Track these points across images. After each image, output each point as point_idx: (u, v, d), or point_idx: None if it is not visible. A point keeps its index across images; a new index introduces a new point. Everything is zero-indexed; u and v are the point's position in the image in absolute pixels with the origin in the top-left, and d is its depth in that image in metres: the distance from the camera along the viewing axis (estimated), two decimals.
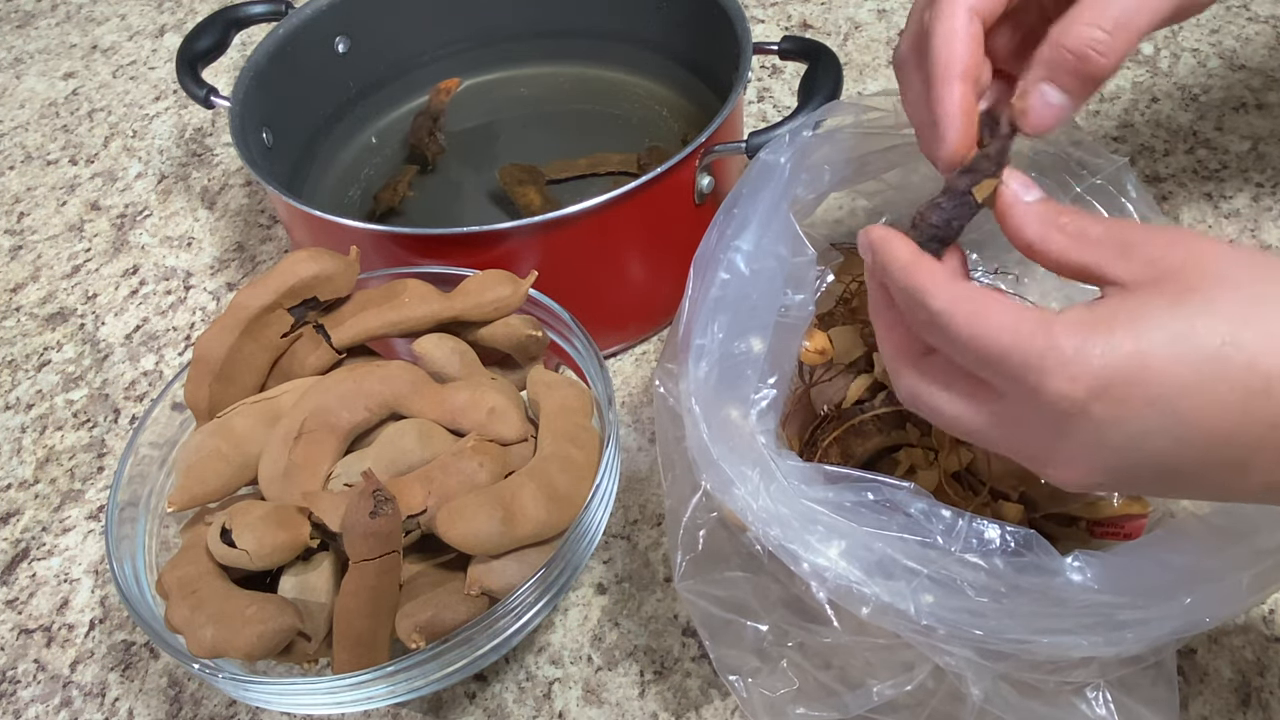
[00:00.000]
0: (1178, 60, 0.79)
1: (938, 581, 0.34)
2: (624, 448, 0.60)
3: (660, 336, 0.66)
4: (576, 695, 0.50)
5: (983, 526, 0.35)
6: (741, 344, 0.40)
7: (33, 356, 0.72)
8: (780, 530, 0.36)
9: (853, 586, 0.35)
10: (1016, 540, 0.35)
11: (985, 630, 0.34)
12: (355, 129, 0.77)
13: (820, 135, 0.45)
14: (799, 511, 0.36)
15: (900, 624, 0.35)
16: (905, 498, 0.36)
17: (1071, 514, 0.46)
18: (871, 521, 0.36)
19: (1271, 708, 0.46)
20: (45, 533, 0.61)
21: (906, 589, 0.34)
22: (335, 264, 0.50)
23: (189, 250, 0.78)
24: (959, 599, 0.34)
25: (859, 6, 0.90)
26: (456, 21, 0.77)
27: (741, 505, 0.37)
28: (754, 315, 0.41)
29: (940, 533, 0.35)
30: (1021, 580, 0.34)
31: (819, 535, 0.35)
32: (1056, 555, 0.35)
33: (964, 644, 0.35)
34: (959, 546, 0.35)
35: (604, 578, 0.54)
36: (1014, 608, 0.34)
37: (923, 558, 0.35)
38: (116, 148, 0.88)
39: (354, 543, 0.42)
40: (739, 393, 0.40)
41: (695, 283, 0.42)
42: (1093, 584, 0.34)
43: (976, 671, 0.35)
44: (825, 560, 0.35)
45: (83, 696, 0.53)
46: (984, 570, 0.34)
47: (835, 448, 0.48)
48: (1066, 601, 0.34)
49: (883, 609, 0.34)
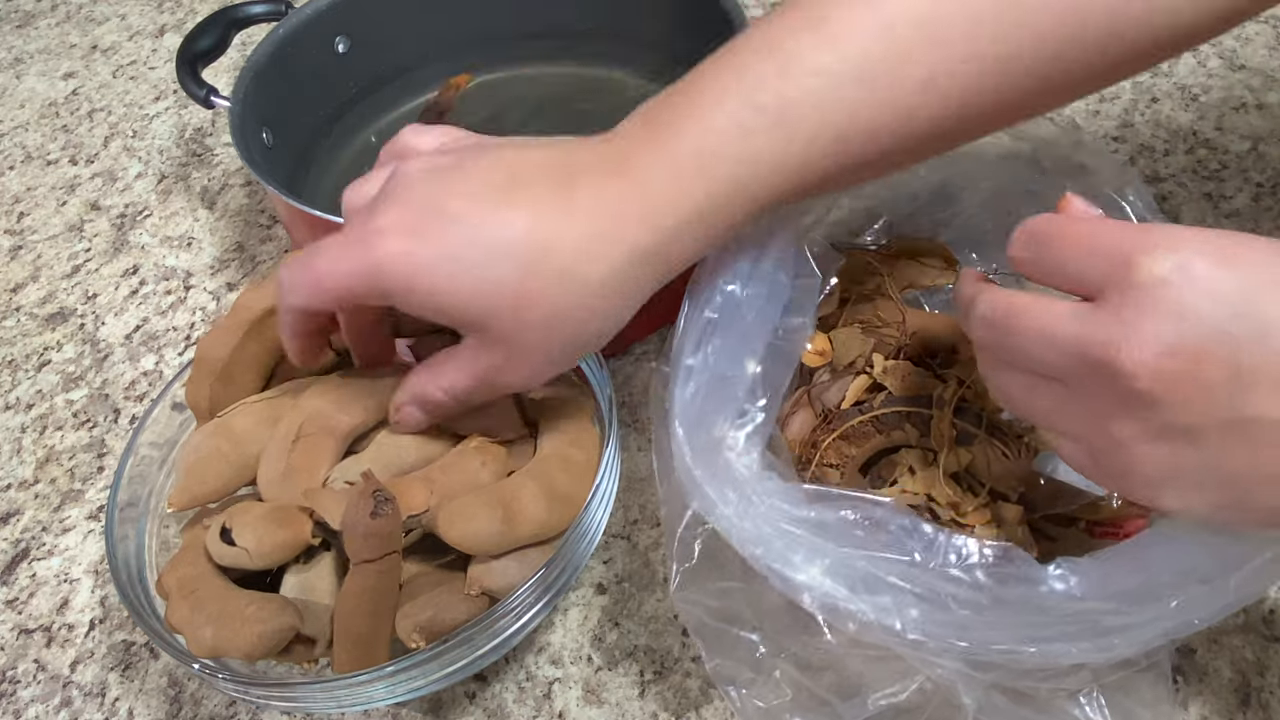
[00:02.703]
0: (1178, 60, 0.79)
1: (922, 597, 0.34)
2: (624, 448, 0.60)
3: (661, 336, 0.66)
4: (576, 695, 0.50)
5: (961, 541, 0.35)
6: (733, 366, 0.41)
7: (33, 356, 0.72)
8: (764, 550, 0.36)
9: (839, 604, 0.35)
10: (995, 554, 0.35)
11: (972, 642, 0.34)
12: (355, 129, 0.77)
13: None
14: (780, 533, 0.36)
15: (888, 639, 0.35)
16: (885, 514, 0.36)
17: (1071, 515, 0.46)
18: (852, 540, 0.36)
19: (1271, 708, 0.46)
20: (45, 533, 0.61)
21: (892, 604, 0.34)
22: None
23: (189, 250, 0.78)
24: (944, 613, 0.34)
25: None
26: (457, 21, 0.77)
27: (725, 526, 0.37)
28: (746, 339, 0.41)
29: (920, 549, 0.35)
30: (1004, 592, 0.34)
31: (802, 555, 0.36)
32: (1037, 565, 0.35)
33: (952, 656, 0.35)
34: (939, 562, 0.35)
35: (604, 578, 0.54)
36: (998, 619, 0.34)
37: (905, 574, 0.35)
38: (116, 148, 0.88)
39: (354, 543, 0.42)
40: (726, 415, 0.40)
41: (690, 301, 0.43)
42: (1075, 591, 0.34)
43: (967, 682, 0.36)
44: (809, 579, 0.35)
45: (83, 696, 0.53)
46: (966, 583, 0.35)
47: (834, 449, 0.48)
48: (1050, 610, 0.34)
49: (869, 625, 0.35)
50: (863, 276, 0.52)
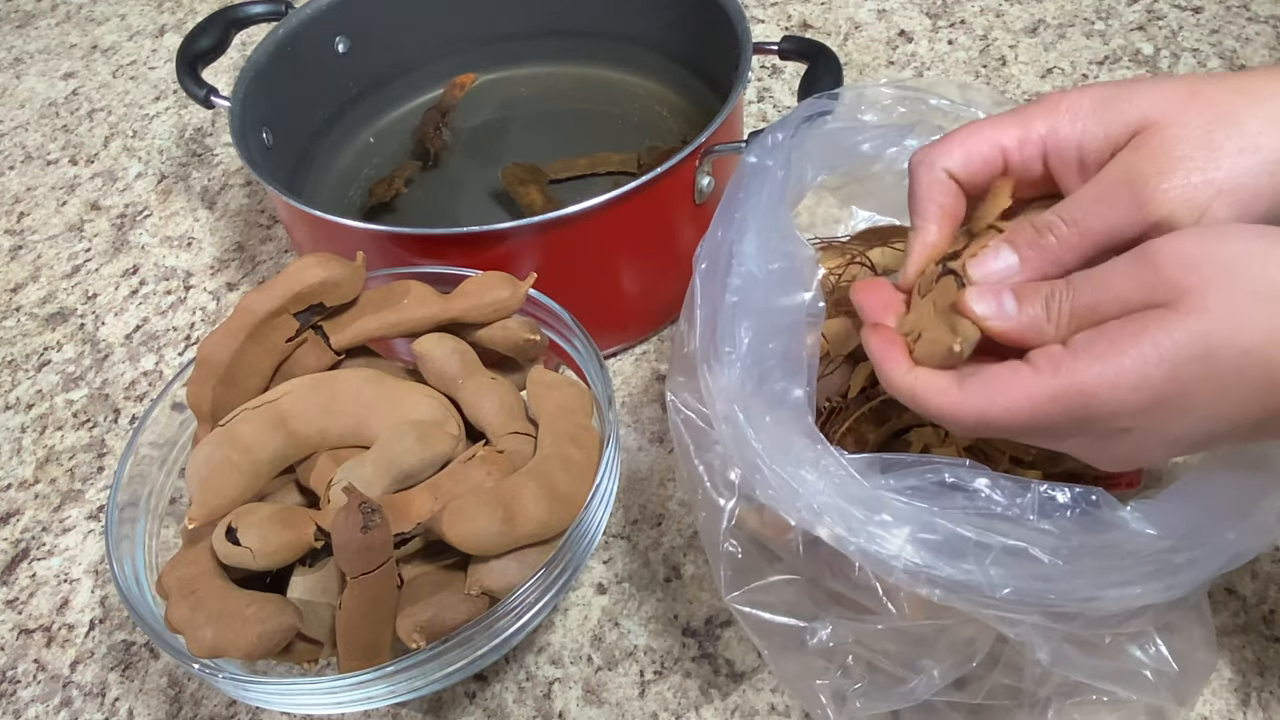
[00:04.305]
0: (1178, 60, 0.79)
1: (1008, 552, 0.34)
2: (624, 448, 0.60)
3: (660, 336, 0.66)
4: (576, 695, 0.50)
5: (1053, 491, 0.35)
6: (769, 346, 0.40)
7: (33, 356, 0.72)
8: (845, 526, 0.36)
9: (922, 571, 0.35)
10: (1087, 499, 0.35)
11: (1056, 593, 0.34)
12: (355, 129, 0.77)
13: (802, 133, 0.45)
14: (863, 503, 0.36)
15: (971, 601, 0.35)
16: (965, 474, 0.36)
17: (1073, 471, 0.46)
18: (936, 503, 0.36)
19: (1271, 708, 0.46)
20: (45, 533, 0.61)
21: (976, 565, 0.34)
22: (342, 270, 0.50)
23: (189, 250, 0.78)
24: (1030, 566, 0.34)
25: (859, 6, 0.90)
26: (457, 21, 0.77)
27: (798, 507, 0.37)
28: (776, 316, 0.41)
29: (1009, 503, 0.35)
30: (1089, 539, 0.35)
31: (884, 524, 0.35)
32: (1120, 507, 0.35)
33: (1033, 610, 0.35)
34: (1033, 514, 0.35)
35: (604, 578, 0.54)
36: (1082, 566, 0.34)
37: (991, 530, 0.35)
38: (116, 148, 0.88)
39: (349, 559, 0.41)
40: (775, 395, 0.39)
41: (704, 288, 0.42)
42: (1152, 530, 0.35)
43: (1043, 635, 0.36)
44: (892, 548, 0.35)
45: (83, 696, 0.53)
46: (1053, 534, 0.35)
47: (850, 436, 0.48)
48: (1134, 553, 0.35)
49: (955, 587, 0.35)
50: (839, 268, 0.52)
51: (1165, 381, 0.31)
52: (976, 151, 0.38)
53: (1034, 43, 0.83)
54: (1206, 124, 0.34)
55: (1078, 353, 0.32)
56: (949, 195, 0.39)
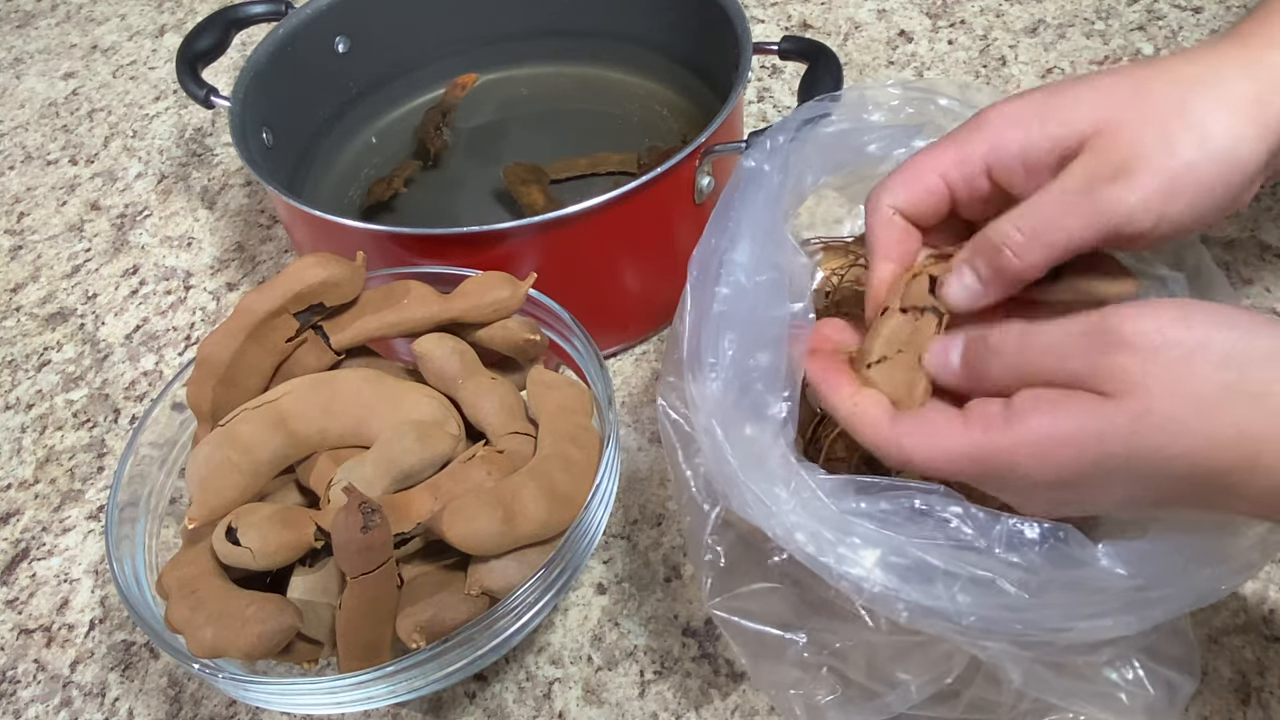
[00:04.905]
0: None
1: (975, 581, 0.35)
2: (624, 448, 0.60)
3: (660, 336, 0.66)
4: (576, 695, 0.50)
5: (1021, 525, 0.35)
6: (753, 358, 0.40)
7: (33, 356, 0.72)
8: (815, 545, 0.36)
9: (890, 594, 0.35)
10: (1055, 536, 0.35)
11: (1024, 623, 0.34)
12: (355, 129, 0.77)
13: (802, 136, 0.45)
14: (833, 524, 0.36)
15: (939, 626, 0.35)
16: (938, 501, 0.36)
17: None
18: (906, 529, 0.36)
19: (1271, 708, 0.46)
20: (45, 533, 0.61)
21: (944, 592, 0.34)
22: (343, 270, 0.50)
23: (189, 250, 0.78)
24: (997, 596, 0.34)
25: (859, 6, 0.90)
26: (457, 21, 0.77)
27: (771, 523, 0.37)
28: (762, 328, 0.41)
29: (978, 535, 0.35)
30: (1058, 574, 0.35)
31: (853, 546, 0.36)
32: (1090, 545, 0.35)
33: (1000, 638, 0.35)
34: (1001, 547, 0.35)
35: (604, 578, 0.54)
36: (1051, 599, 0.34)
37: (959, 560, 0.35)
38: (116, 148, 0.88)
39: (350, 559, 0.41)
40: (755, 408, 0.39)
41: (693, 297, 0.42)
42: (1123, 570, 0.35)
43: (1013, 659, 0.36)
44: (861, 570, 0.35)
45: (83, 696, 0.53)
46: (1021, 567, 0.35)
47: (841, 442, 0.48)
48: (1105, 589, 0.35)
49: (923, 612, 0.35)
50: (841, 269, 0.52)
51: (1089, 467, 0.32)
52: (919, 184, 0.39)
53: (1034, 43, 0.83)
54: (1158, 121, 0.35)
55: (1011, 420, 0.33)
56: (896, 231, 0.40)
